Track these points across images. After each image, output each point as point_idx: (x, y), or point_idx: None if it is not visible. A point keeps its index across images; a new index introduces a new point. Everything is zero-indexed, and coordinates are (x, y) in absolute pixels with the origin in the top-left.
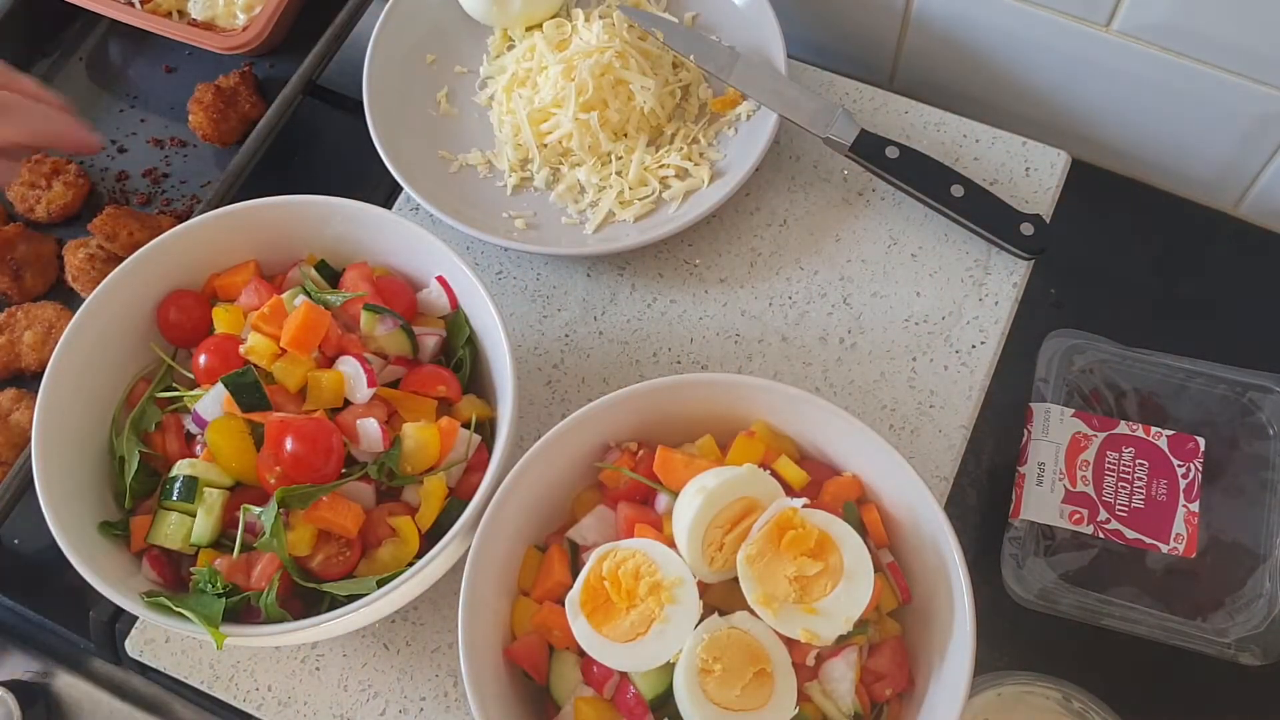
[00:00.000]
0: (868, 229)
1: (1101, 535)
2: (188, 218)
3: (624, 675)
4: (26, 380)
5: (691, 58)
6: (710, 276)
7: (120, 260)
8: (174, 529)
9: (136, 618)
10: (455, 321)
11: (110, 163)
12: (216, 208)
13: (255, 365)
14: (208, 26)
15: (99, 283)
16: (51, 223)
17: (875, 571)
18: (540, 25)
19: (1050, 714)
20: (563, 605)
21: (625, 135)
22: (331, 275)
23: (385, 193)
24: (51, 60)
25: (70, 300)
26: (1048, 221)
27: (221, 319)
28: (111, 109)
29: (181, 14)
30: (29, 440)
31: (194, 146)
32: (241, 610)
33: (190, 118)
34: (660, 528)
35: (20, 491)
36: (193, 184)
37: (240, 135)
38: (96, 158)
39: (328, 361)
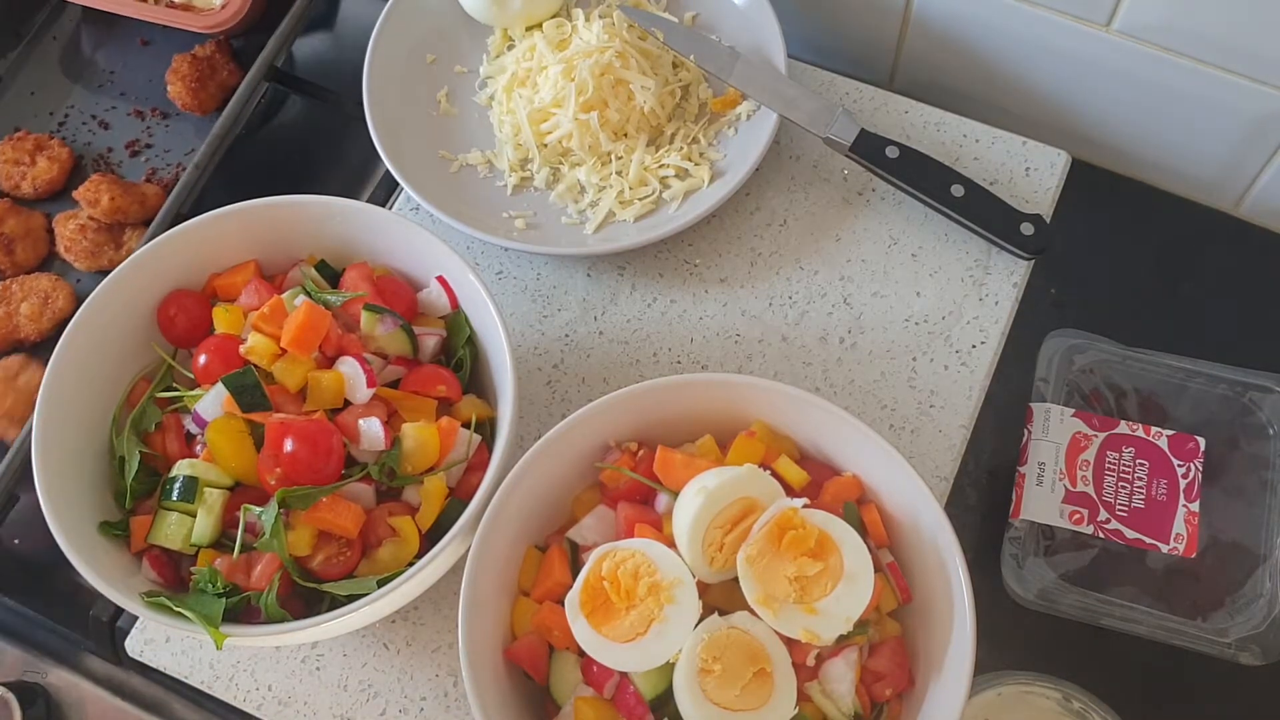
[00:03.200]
0: (868, 229)
1: (1101, 535)
2: (173, 187)
3: (624, 675)
4: (25, 351)
5: (691, 58)
6: (710, 276)
7: (109, 230)
8: (174, 529)
9: (136, 618)
10: (455, 321)
11: (93, 137)
12: (203, 172)
13: (255, 365)
14: (185, 7)
15: (92, 253)
16: (38, 198)
17: (875, 571)
18: (540, 25)
19: (1050, 714)
20: (563, 605)
21: (625, 135)
22: (331, 275)
23: (385, 193)
24: (26, 40)
25: (64, 273)
26: (1048, 221)
27: (221, 319)
28: (90, 84)
29: None
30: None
31: (175, 116)
32: (241, 610)
33: (169, 88)
34: (660, 528)
35: (15, 483)
36: (176, 153)
37: (220, 103)
38: (79, 132)
39: (328, 361)
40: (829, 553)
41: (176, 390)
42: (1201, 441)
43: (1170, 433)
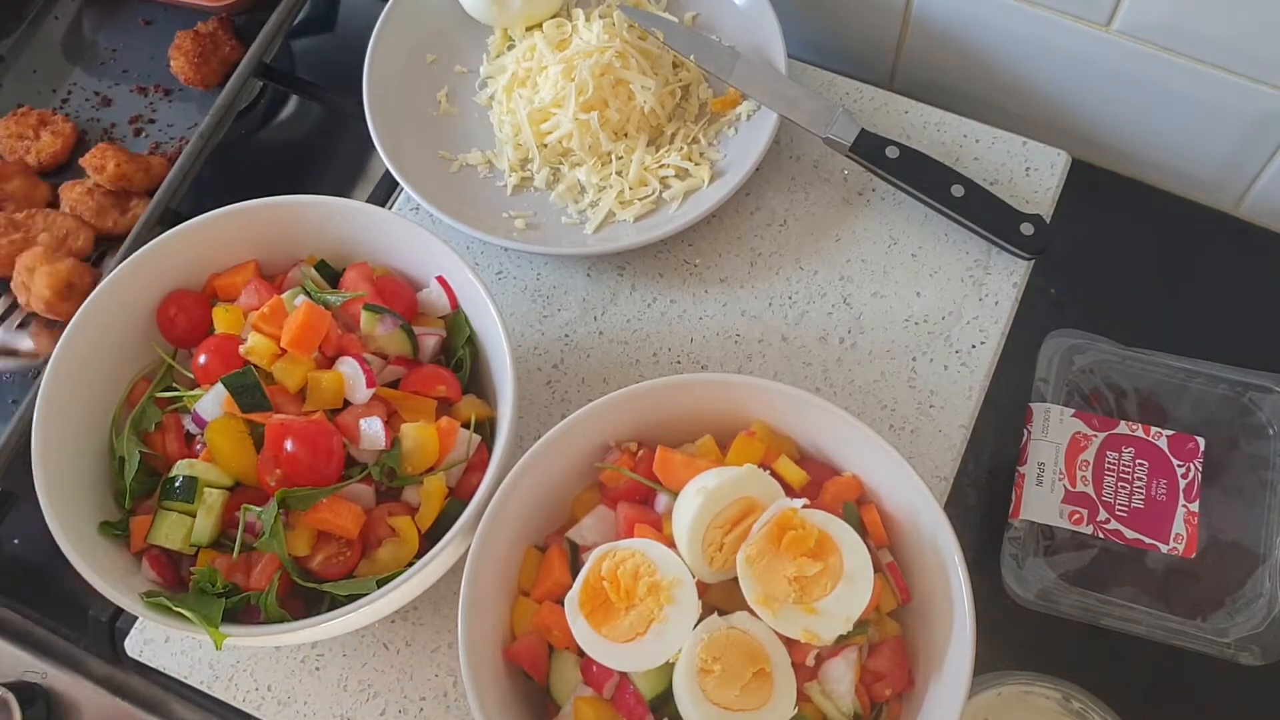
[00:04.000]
0: (868, 229)
1: (1101, 535)
2: (176, 159)
3: (624, 675)
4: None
5: (692, 58)
6: (710, 276)
7: (115, 197)
8: (174, 529)
9: (136, 618)
10: (455, 321)
11: (96, 113)
12: (207, 141)
13: (255, 365)
14: None
15: (98, 213)
16: (42, 171)
17: (875, 571)
18: (540, 25)
19: (1050, 714)
20: (562, 605)
21: (625, 135)
22: (331, 275)
23: (385, 193)
24: (28, 21)
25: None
26: (1048, 221)
27: (221, 319)
28: (93, 61)
29: None
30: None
31: (178, 92)
32: (241, 610)
33: (172, 64)
34: (660, 528)
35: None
36: (179, 128)
37: (222, 79)
38: (82, 108)
39: (328, 362)
40: (829, 553)
41: (176, 390)
42: (1201, 441)
43: (1170, 433)
